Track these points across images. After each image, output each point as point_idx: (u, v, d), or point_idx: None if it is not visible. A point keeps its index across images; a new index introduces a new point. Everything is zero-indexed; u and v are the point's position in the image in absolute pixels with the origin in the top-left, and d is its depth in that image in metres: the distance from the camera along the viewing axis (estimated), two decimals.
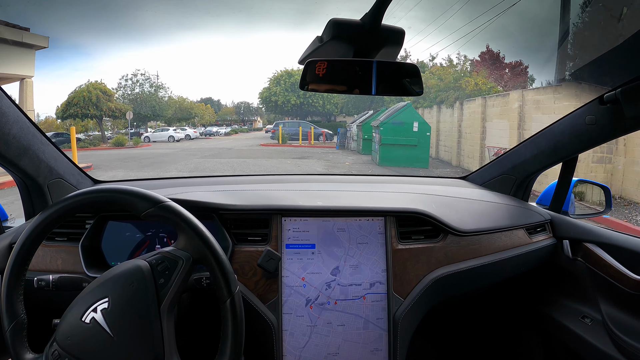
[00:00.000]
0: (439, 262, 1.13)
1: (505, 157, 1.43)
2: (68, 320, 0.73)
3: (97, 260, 1.08)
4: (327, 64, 0.78)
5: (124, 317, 0.71)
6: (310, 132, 18.49)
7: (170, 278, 0.73)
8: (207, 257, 0.74)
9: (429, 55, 19.96)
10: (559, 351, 1.31)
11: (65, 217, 0.78)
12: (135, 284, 0.72)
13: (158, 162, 11.70)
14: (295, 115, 27.26)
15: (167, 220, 0.76)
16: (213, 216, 1.09)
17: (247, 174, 1.64)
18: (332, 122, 26.28)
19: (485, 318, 1.59)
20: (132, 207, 0.76)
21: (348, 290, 1.09)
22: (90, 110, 20.02)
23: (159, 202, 0.76)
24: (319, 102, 27.54)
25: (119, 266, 0.76)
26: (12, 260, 0.75)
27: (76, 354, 0.70)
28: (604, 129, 1.06)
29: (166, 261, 0.74)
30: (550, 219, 1.31)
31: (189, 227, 0.75)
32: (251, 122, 41.01)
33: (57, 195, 1.17)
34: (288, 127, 20.10)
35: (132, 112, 21.50)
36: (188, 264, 0.74)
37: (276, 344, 1.05)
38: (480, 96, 11.21)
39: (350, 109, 26.47)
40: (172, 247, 0.77)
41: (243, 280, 1.05)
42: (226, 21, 34.73)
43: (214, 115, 34.26)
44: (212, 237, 0.76)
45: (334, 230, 1.11)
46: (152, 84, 25.18)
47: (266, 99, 27.62)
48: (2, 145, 0.96)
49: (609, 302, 1.13)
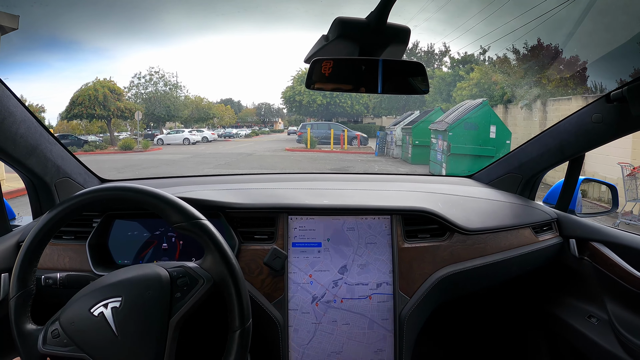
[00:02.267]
0: (444, 260, 1.12)
1: (511, 156, 1.42)
2: (76, 307, 0.73)
3: (104, 259, 1.08)
4: (333, 63, 0.78)
5: (132, 321, 0.71)
6: (342, 136, 15.85)
7: (187, 294, 0.73)
8: (228, 284, 0.75)
9: (479, 47, 17.06)
10: (564, 350, 1.31)
11: (86, 209, 0.78)
12: (151, 292, 0.72)
13: (159, 173, 9.47)
14: (320, 116, 25.44)
15: (197, 237, 0.76)
16: (219, 215, 1.09)
17: (253, 173, 1.61)
18: (359, 124, 24.39)
19: (491, 317, 1.58)
20: (166, 215, 0.77)
21: (355, 290, 1.09)
22: (96, 110, 18.16)
23: (194, 218, 0.77)
24: (347, 102, 25.59)
25: (139, 268, 0.76)
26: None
27: (75, 339, 0.71)
28: (610, 127, 1.06)
29: (187, 277, 0.75)
30: (557, 218, 1.30)
31: (218, 250, 0.76)
32: (272, 124, 40.65)
33: (64, 194, 1.18)
34: (317, 130, 17.31)
35: (141, 112, 19.56)
36: (207, 285, 0.74)
37: (282, 341, 1.05)
38: (580, 95, 8.43)
39: (380, 109, 23.91)
40: (196, 264, 0.77)
41: (249, 279, 1.05)
42: (247, 23, 35.05)
43: (234, 116, 33.34)
44: (239, 265, 0.77)
45: (343, 229, 1.11)
46: (166, 82, 23.26)
47: (290, 98, 25.77)
48: (9, 144, 0.97)
49: (615, 301, 1.13)
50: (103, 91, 18.44)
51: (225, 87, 66.99)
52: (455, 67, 18.56)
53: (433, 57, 23.26)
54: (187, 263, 0.77)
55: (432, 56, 23.27)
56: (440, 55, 23.13)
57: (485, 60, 17.06)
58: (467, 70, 17.13)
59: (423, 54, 23.20)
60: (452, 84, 17.08)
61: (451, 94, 16.24)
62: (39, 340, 0.73)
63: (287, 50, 56.04)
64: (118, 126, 24.41)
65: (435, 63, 22.92)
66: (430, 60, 23.25)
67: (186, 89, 28.59)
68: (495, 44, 16.21)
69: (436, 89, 17.79)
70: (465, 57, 18.52)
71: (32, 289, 0.76)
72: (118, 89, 19.55)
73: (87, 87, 18.68)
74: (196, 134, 21.71)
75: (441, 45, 25.81)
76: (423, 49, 23.36)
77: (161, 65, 32.62)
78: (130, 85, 23.02)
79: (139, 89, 22.98)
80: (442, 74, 19.21)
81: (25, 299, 0.75)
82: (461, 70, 17.86)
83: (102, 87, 18.72)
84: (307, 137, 15.70)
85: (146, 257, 1.11)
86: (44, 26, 17.66)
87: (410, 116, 12.59)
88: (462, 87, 15.03)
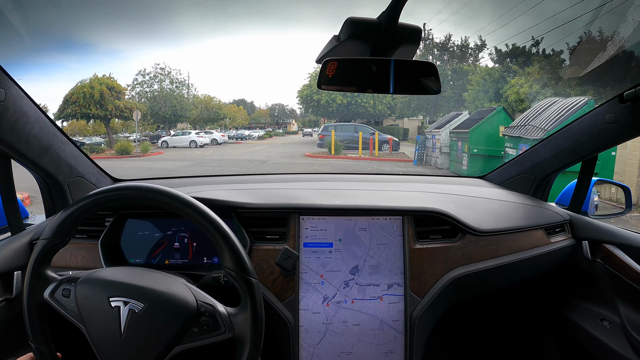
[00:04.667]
0: (456, 262, 1.12)
1: (524, 157, 1.41)
2: (98, 285, 0.74)
3: (116, 258, 1.09)
4: (344, 63, 0.78)
5: (142, 330, 0.71)
6: (372, 139, 13.49)
7: (204, 334, 0.73)
8: (245, 345, 0.74)
9: (531, 37, 14.38)
10: (576, 353, 1.29)
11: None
12: (172, 315, 0.72)
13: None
14: (340, 117, 23.19)
15: (239, 288, 0.76)
16: (231, 214, 1.09)
17: (264, 173, 1.60)
18: (379, 126, 21.81)
19: (502, 319, 1.57)
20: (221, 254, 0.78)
21: (366, 290, 1.08)
22: (92, 109, 16.24)
23: (247, 273, 0.77)
24: (369, 101, 23.38)
25: (170, 282, 0.77)
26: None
27: (82, 312, 0.72)
28: (624, 128, 1.05)
29: (212, 319, 0.74)
30: (570, 219, 1.29)
31: (253, 313, 0.75)
32: (285, 125, 39.88)
33: (77, 194, 1.19)
34: (341, 132, 14.72)
35: (140, 111, 17.48)
36: (227, 336, 0.74)
37: (292, 341, 1.06)
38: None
39: (407, 110, 21.49)
40: (225, 311, 0.76)
41: (260, 279, 1.05)
42: (260, 24, 34.11)
43: (246, 117, 31.95)
44: (263, 332, 0.76)
45: (355, 230, 1.11)
46: (172, 79, 21.27)
47: (307, 97, 23.40)
48: (23, 144, 0.97)
49: (628, 304, 1.11)
50: (100, 89, 16.52)
51: (238, 88, 66.62)
52: (505, 61, 15.75)
53: (467, 51, 20.66)
54: (219, 305, 0.76)
55: (466, 50, 20.67)
56: (475, 49, 20.46)
57: (539, 52, 14.40)
58: (520, 64, 14.40)
59: (456, 48, 20.64)
60: (501, 80, 14.35)
61: (500, 91, 13.52)
62: (47, 289, 0.74)
63: (302, 50, 55.70)
64: (127, 127, 22.76)
65: (469, 58, 20.30)
66: (464, 55, 20.66)
67: (194, 87, 26.49)
68: (551, 35, 13.62)
69: (480, 86, 15.12)
70: (516, 49, 15.78)
71: (67, 241, 0.79)
72: (118, 86, 17.64)
73: (82, 84, 16.77)
74: (204, 136, 19.75)
75: (477, 38, 23.10)
76: (456, 42, 20.77)
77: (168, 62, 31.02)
78: (134, 84, 21.15)
79: (143, 87, 21.10)
80: (487, 69, 16.40)
81: (55, 246, 0.77)
82: (514, 64, 15.07)
83: (100, 84, 16.81)
84: (330, 141, 13.36)
85: (158, 257, 1.11)
86: (59, 28, 17.44)
87: (457, 118, 10.29)
88: (518, 84, 12.25)
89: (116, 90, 17.20)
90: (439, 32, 25.05)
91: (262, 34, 41.27)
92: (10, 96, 0.89)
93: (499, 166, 1.52)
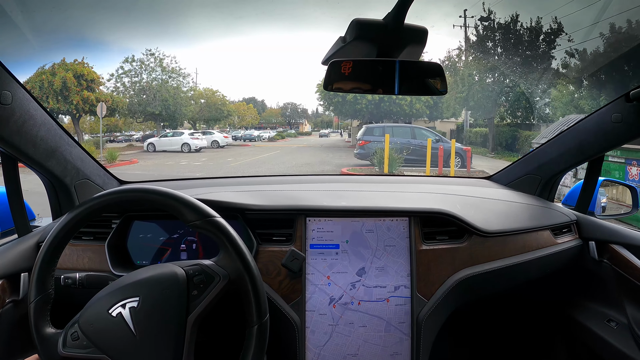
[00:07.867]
0: (463, 263, 1.11)
1: (530, 157, 1.40)
2: (95, 308, 0.73)
3: (123, 259, 1.09)
4: (351, 64, 0.77)
5: (151, 320, 0.71)
6: (441, 149, 9.10)
7: (203, 292, 0.73)
8: (244, 280, 0.74)
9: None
10: (582, 355, 1.28)
11: (104, 211, 0.78)
12: (168, 290, 0.72)
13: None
14: (369, 117, 19.27)
15: (212, 235, 0.76)
16: (238, 216, 1.09)
17: (271, 175, 1.60)
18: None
19: (509, 320, 1.55)
20: (181, 215, 0.76)
21: (373, 292, 1.08)
22: (49, 102, 12.20)
23: (208, 216, 0.76)
24: (406, 99, 19.31)
25: (156, 268, 0.76)
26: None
27: (95, 341, 0.71)
28: (630, 127, 1.04)
29: (203, 274, 0.74)
30: (576, 220, 1.28)
31: (232, 247, 0.75)
32: (297, 125, 38.21)
33: (83, 196, 1.19)
34: (393, 136, 9.87)
35: (105, 104, 13.30)
36: (224, 282, 0.74)
37: (298, 342, 1.05)
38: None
39: (457, 107, 17.17)
40: (211, 261, 0.77)
41: (267, 280, 1.05)
42: (271, 25, 33.97)
43: (256, 116, 29.39)
44: (254, 261, 0.77)
45: (362, 231, 1.10)
46: (164, 68, 17.25)
47: (328, 93, 19.16)
48: (30, 147, 0.97)
49: (635, 305, 1.10)
50: (64, 76, 12.59)
51: (248, 87, 64.32)
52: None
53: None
54: (203, 261, 0.77)
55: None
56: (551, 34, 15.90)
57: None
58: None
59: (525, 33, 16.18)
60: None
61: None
62: (59, 343, 0.73)
63: (315, 48, 52.57)
64: (130, 125, 18.85)
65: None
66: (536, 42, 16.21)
67: (191, 78, 22.07)
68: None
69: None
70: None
71: (51, 293, 0.76)
72: (91, 73, 13.75)
73: (42, 70, 12.85)
74: (201, 137, 15.82)
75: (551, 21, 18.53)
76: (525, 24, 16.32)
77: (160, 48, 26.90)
78: (118, 73, 17.17)
79: (130, 77, 17.10)
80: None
81: (45, 302, 0.75)
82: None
83: (66, 71, 12.85)
84: (377, 151, 9.01)
85: (165, 259, 1.10)
86: (70, 28, 16.40)
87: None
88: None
89: (86, 78, 13.27)
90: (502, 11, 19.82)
91: (272, 33, 41.30)
92: (17, 99, 0.89)
93: (506, 167, 1.51)
